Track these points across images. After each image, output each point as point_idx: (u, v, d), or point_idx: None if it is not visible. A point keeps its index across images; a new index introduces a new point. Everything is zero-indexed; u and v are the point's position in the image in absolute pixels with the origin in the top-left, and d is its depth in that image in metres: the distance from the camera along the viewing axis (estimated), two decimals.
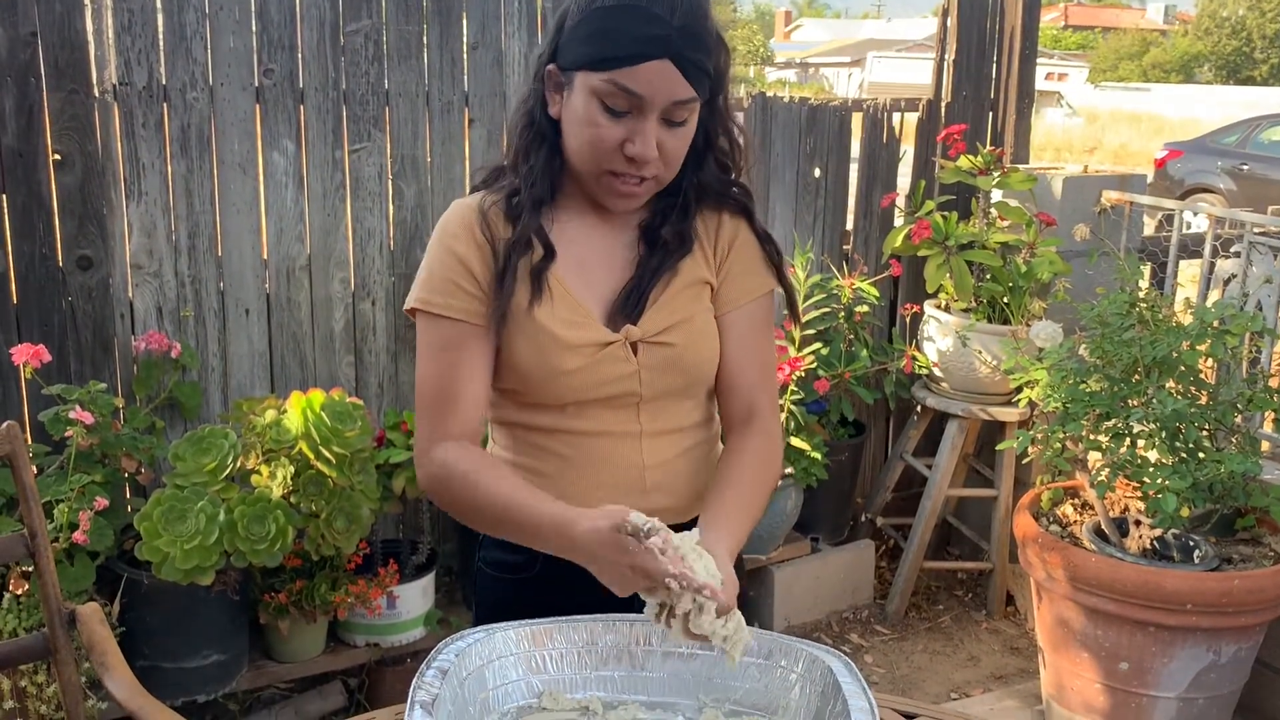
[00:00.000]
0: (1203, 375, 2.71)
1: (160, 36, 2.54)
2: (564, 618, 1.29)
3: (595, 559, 1.18)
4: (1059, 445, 2.70)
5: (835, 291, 3.36)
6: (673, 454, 1.41)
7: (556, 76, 1.31)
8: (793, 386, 3.11)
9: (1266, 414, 2.85)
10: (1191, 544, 2.66)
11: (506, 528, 1.31)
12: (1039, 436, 2.76)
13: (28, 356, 2.32)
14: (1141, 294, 2.80)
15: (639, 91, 1.24)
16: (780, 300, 1.51)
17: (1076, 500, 2.94)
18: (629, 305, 1.36)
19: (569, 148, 1.32)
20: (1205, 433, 2.62)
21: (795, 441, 3.13)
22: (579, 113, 1.28)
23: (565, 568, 1.36)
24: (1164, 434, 2.56)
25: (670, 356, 1.37)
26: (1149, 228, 4.70)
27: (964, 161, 3.39)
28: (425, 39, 2.83)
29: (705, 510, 1.33)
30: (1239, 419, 2.71)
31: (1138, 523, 2.70)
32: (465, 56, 2.88)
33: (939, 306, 3.43)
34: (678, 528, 1.41)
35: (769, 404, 1.45)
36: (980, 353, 3.25)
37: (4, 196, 2.44)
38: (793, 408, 3.13)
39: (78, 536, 2.23)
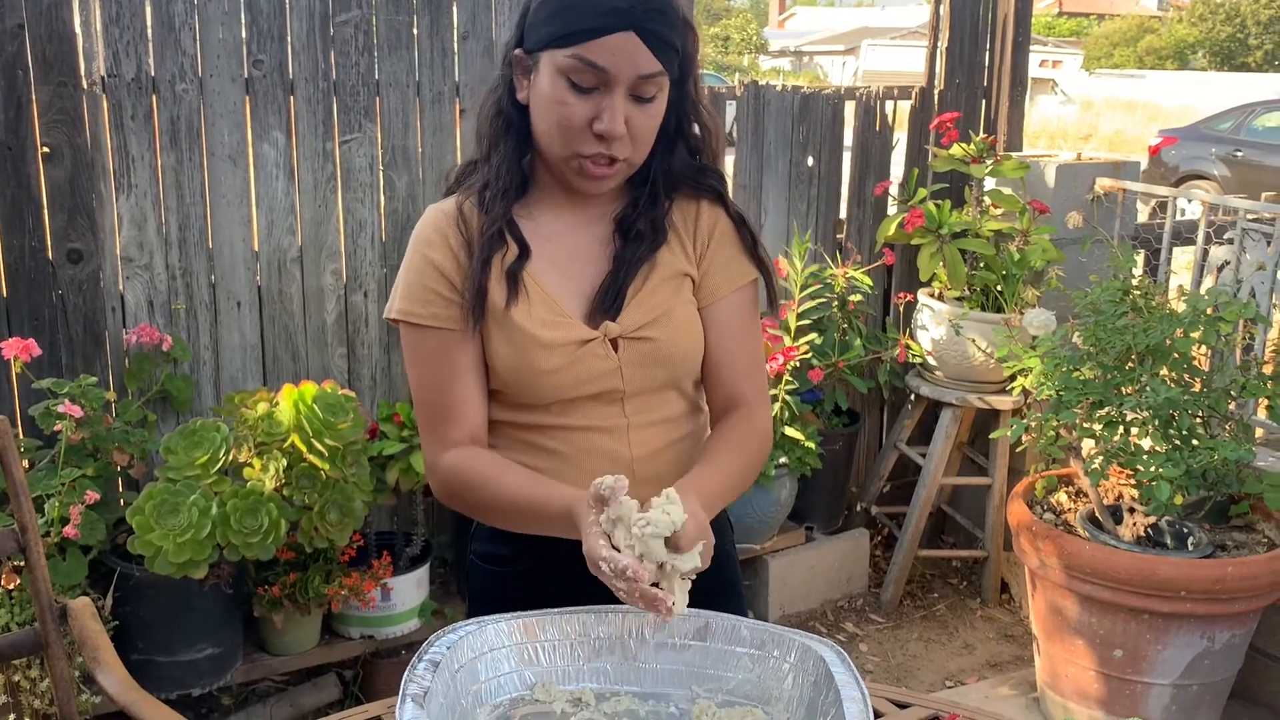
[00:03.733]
0: (1196, 362, 2.71)
1: (149, 28, 2.52)
2: (556, 609, 1.29)
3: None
4: (1053, 433, 2.70)
5: (829, 280, 3.36)
6: (661, 444, 1.41)
7: (524, 61, 1.30)
8: (787, 376, 3.11)
9: (1260, 401, 2.85)
10: (1185, 531, 2.67)
11: (520, 525, 1.34)
12: (1033, 425, 2.76)
13: (17, 350, 2.30)
14: (1135, 281, 2.80)
15: (603, 64, 1.22)
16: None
17: (1070, 488, 2.94)
18: (607, 301, 1.35)
19: (538, 131, 1.31)
20: (1199, 420, 2.62)
21: (789, 431, 3.12)
22: (546, 93, 1.27)
23: (557, 559, 1.37)
24: (1157, 421, 2.56)
25: (651, 351, 1.36)
26: (1143, 214, 4.70)
27: (957, 149, 3.39)
28: (415, 29, 2.81)
29: (684, 478, 1.33)
30: (1232, 406, 2.71)
31: (1131, 510, 2.70)
32: (456, 46, 2.87)
33: (932, 295, 3.42)
34: None
35: (755, 392, 1.43)
36: (974, 341, 3.25)
37: None
38: (787, 397, 3.13)
39: (69, 531, 2.22)
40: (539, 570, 1.41)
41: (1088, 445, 2.72)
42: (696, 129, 1.37)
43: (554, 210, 1.38)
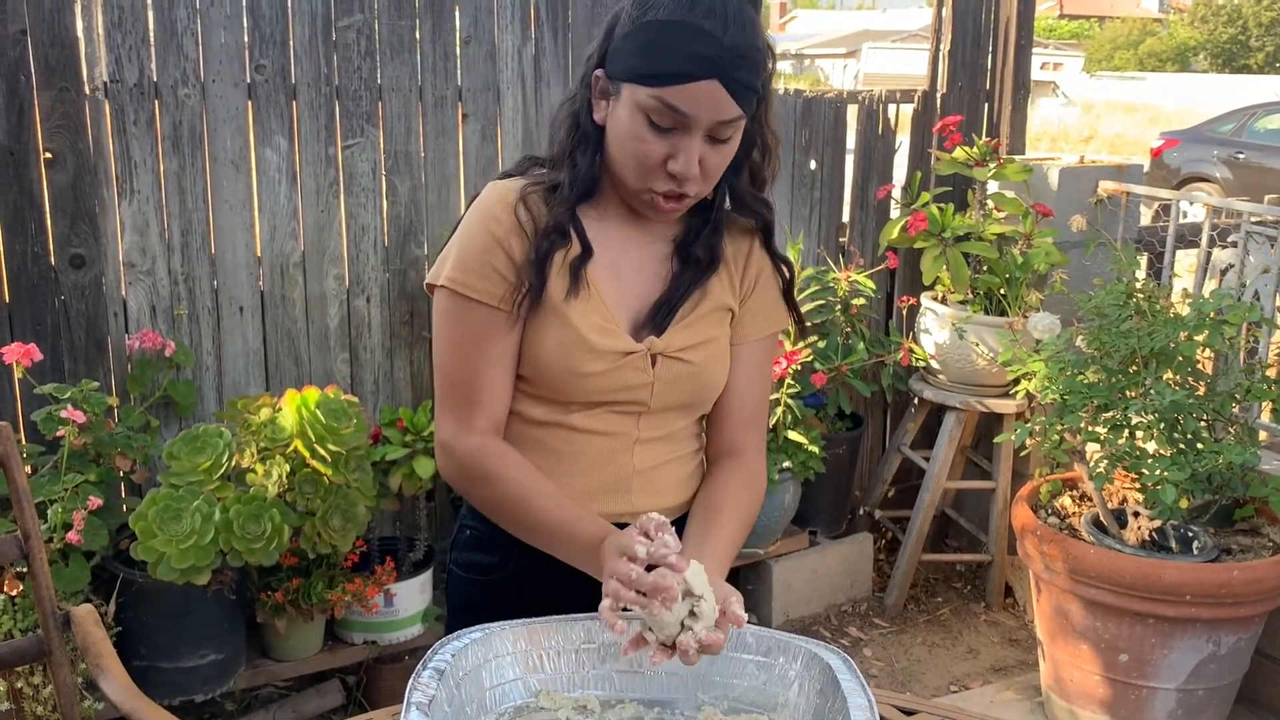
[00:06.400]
0: (1200, 366, 2.70)
1: (151, 33, 2.52)
2: (561, 616, 1.28)
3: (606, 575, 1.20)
4: (1057, 437, 2.70)
5: (831, 284, 3.35)
6: (663, 460, 1.42)
7: (603, 83, 1.29)
8: (789, 380, 3.10)
9: (1264, 404, 2.84)
10: (1190, 535, 2.66)
11: (528, 536, 1.33)
12: (1037, 428, 2.76)
13: (18, 356, 2.30)
14: (1138, 284, 2.79)
15: (686, 110, 1.22)
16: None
17: (1075, 492, 2.93)
18: (657, 318, 1.36)
19: (612, 157, 1.31)
20: (1203, 423, 2.61)
21: (792, 435, 3.12)
22: (624, 125, 1.26)
23: (537, 570, 1.37)
24: (1162, 425, 2.55)
25: (686, 374, 1.37)
26: (1146, 218, 4.69)
27: (960, 153, 3.38)
28: (418, 33, 2.81)
29: (691, 550, 1.32)
30: (1237, 409, 2.70)
31: (1136, 514, 2.69)
32: (458, 51, 2.87)
33: (935, 299, 3.42)
34: None
35: (757, 440, 1.46)
36: (977, 345, 3.24)
37: None
38: (789, 401, 3.12)
39: (72, 537, 2.22)
40: (519, 581, 1.40)
41: (1092, 449, 2.71)
42: (758, 152, 1.37)
43: (618, 220, 1.38)
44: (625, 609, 1.15)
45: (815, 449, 3.14)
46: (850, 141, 3.55)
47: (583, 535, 1.26)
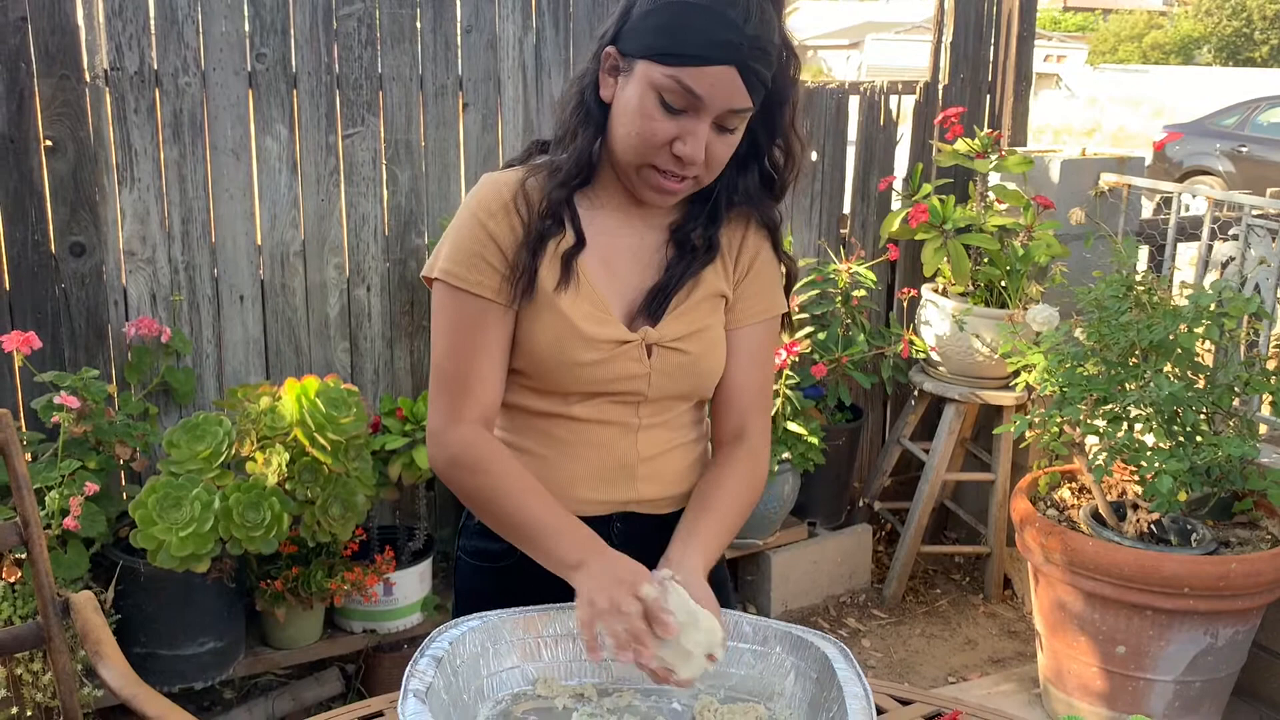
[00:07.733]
0: (1200, 359, 2.70)
1: (151, 21, 2.52)
2: (559, 604, 1.29)
3: (589, 602, 1.22)
4: (1056, 429, 2.70)
5: (832, 276, 3.35)
6: (666, 448, 1.42)
7: (615, 60, 1.29)
8: (789, 371, 3.10)
9: (1264, 397, 2.84)
10: (1189, 528, 2.66)
11: (509, 532, 1.34)
12: (1036, 421, 2.76)
13: (17, 344, 2.30)
14: (1138, 277, 2.79)
15: (700, 93, 1.22)
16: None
17: (1074, 484, 2.93)
18: (651, 307, 1.36)
19: (615, 135, 1.30)
20: (1203, 416, 2.61)
21: (792, 426, 3.12)
22: (633, 102, 1.26)
23: None
24: (1161, 417, 2.55)
25: (683, 363, 1.37)
26: (1147, 210, 4.68)
27: (961, 144, 3.38)
28: (418, 22, 2.81)
29: (684, 527, 1.35)
30: (1236, 402, 2.70)
31: (1135, 506, 2.69)
32: (459, 40, 2.86)
33: (936, 290, 3.42)
34: (664, 519, 1.42)
35: (761, 426, 1.46)
36: (977, 337, 3.24)
37: None
38: (789, 392, 3.12)
39: (69, 522, 2.22)
40: (527, 568, 1.41)
41: (1091, 441, 2.71)
42: (779, 155, 1.36)
43: (613, 206, 1.38)
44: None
45: (815, 440, 3.14)
46: (851, 133, 3.55)
47: (556, 551, 1.28)
